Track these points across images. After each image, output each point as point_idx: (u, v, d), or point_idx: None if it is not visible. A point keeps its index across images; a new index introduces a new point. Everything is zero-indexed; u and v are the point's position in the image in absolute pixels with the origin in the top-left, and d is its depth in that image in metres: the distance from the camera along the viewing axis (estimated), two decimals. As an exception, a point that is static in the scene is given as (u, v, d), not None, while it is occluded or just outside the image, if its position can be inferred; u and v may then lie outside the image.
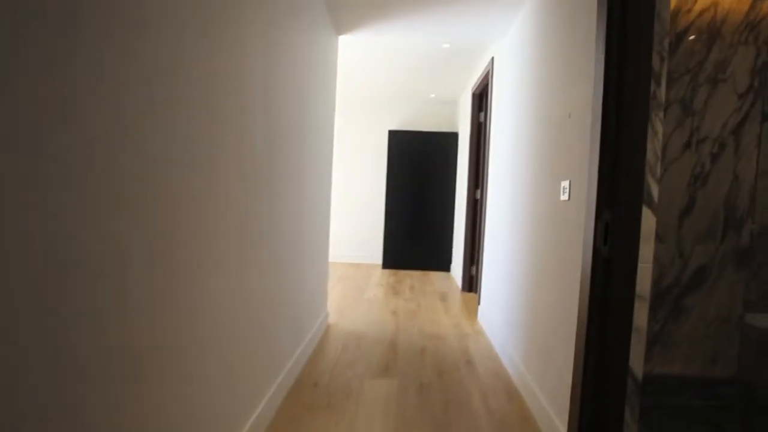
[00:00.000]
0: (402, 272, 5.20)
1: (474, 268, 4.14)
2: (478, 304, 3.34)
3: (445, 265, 5.38)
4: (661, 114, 2.37)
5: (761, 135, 2.38)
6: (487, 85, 3.70)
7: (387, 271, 5.21)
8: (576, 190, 1.55)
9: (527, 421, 1.79)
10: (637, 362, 1.62)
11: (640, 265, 1.38)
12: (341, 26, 2.81)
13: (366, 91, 5.15)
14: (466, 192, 4.30)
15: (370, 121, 5.69)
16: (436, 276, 5.04)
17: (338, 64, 4.02)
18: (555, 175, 1.79)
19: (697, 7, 2.41)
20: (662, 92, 1.74)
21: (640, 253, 1.39)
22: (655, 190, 1.76)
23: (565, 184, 1.65)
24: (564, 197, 1.66)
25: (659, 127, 1.75)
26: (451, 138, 5.33)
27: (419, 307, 3.55)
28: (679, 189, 2.40)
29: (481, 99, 4.08)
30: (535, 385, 1.87)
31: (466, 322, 3.18)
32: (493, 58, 3.22)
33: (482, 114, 4.09)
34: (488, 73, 3.39)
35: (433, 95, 5.23)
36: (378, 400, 1.91)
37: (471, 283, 4.17)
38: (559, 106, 1.78)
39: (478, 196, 4.09)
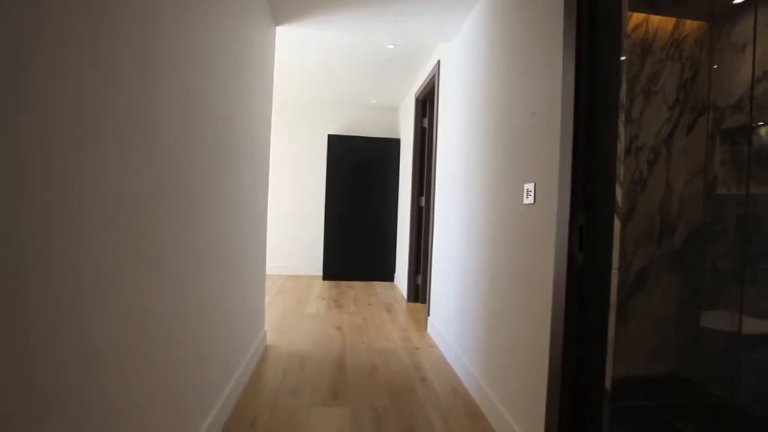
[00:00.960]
0: (344, 283, 4.96)
1: (420, 278, 4.03)
2: (428, 315, 3.21)
3: (388, 275, 5.24)
4: (623, 116, 2.42)
5: (687, 145, 2.54)
6: (432, 89, 3.65)
7: (328, 283, 4.94)
8: (543, 193, 1.47)
9: (493, 442, 1.66)
10: (608, 372, 1.57)
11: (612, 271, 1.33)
12: (279, 15, 2.56)
13: (305, 94, 4.89)
14: (409, 199, 4.20)
15: (309, 125, 5.42)
16: (380, 286, 4.87)
17: (276, 62, 3.74)
18: (517, 178, 1.70)
19: (632, 22, 2.53)
20: (623, 94, 1.73)
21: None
22: (619, 193, 1.75)
23: (529, 186, 1.56)
24: (528, 200, 1.57)
25: (621, 130, 1.73)
26: (393, 144, 5.24)
27: (365, 321, 3.35)
28: (623, 194, 2.47)
29: (424, 104, 4.03)
30: (500, 404, 1.75)
31: (415, 335, 3.04)
32: (439, 62, 3.16)
33: (426, 120, 4.04)
34: (434, 76, 3.33)
35: (374, 101, 5.11)
36: (329, 433, 1.66)
37: (417, 292, 4.06)
38: (520, 106, 1.71)
39: (423, 204, 4.01)
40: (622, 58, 1.33)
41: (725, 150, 2.28)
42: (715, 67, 2.34)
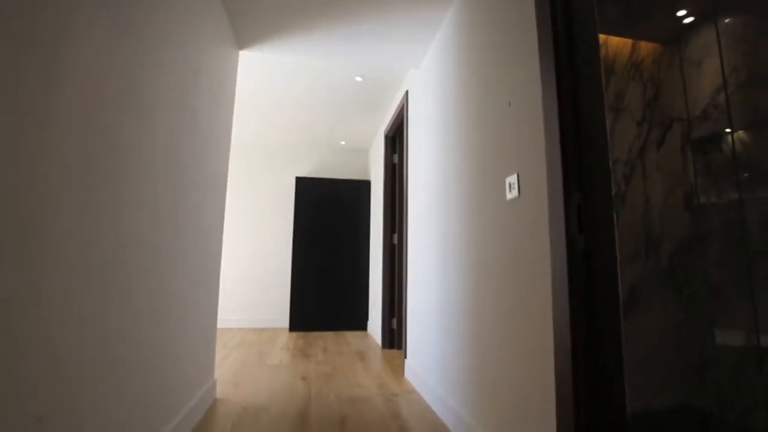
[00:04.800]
0: (313, 334, 4.53)
1: (395, 321, 3.71)
2: (405, 358, 2.88)
3: (361, 324, 4.85)
4: (612, 116, 2.38)
5: (660, 159, 2.53)
6: (401, 123, 3.61)
7: (295, 334, 4.50)
8: (528, 183, 1.31)
9: (491, 497, 1.33)
10: (627, 393, 1.32)
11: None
12: (243, 36, 2.48)
13: (273, 136, 4.79)
14: (381, 238, 3.99)
15: (275, 168, 5.26)
16: (352, 336, 4.47)
17: (239, 100, 3.64)
18: (497, 173, 1.55)
19: (592, 46, 2.60)
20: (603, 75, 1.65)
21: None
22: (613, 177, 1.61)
23: (512, 179, 1.41)
24: (512, 194, 1.40)
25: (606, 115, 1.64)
26: (364, 186, 5.12)
27: (335, 370, 2.96)
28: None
29: (394, 141, 3.98)
30: (495, 445, 1.45)
31: (392, 381, 2.68)
32: (407, 92, 3.14)
33: (396, 156, 3.97)
34: (402, 108, 3.30)
35: (344, 142, 5.06)
36: (284, 499, 1.29)
37: (392, 338, 3.71)
38: (495, 96, 1.60)
39: (396, 241, 3.81)
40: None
41: (699, 161, 2.26)
42: (676, 83, 2.39)
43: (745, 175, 2.05)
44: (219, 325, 4.83)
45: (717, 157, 2.18)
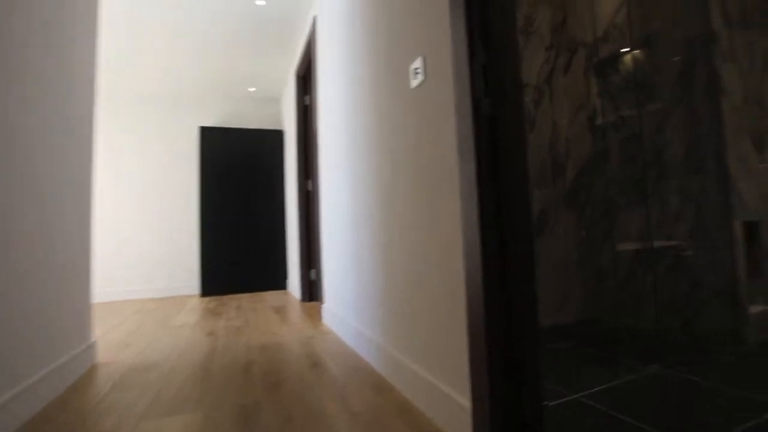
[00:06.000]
0: (228, 297, 4.20)
1: (314, 272, 3.54)
2: (322, 303, 2.73)
3: (281, 283, 4.61)
4: (522, 39, 2.30)
5: (567, 84, 2.58)
6: (312, 60, 3.31)
7: (208, 299, 4.13)
8: (435, 64, 1.17)
9: (407, 411, 1.25)
10: (537, 274, 1.29)
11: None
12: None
13: (169, 80, 4.17)
14: (296, 186, 3.73)
15: (176, 117, 4.65)
16: (270, 295, 4.23)
17: (124, 41, 3.05)
18: (400, 60, 1.39)
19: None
20: None
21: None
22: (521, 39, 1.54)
23: (417, 64, 1.26)
24: (417, 81, 1.26)
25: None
26: (277, 136, 4.75)
27: (247, 324, 2.73)
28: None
29: (305, 81, 3.67)
30: (413, 363, 1.37)
31: (308, 327, 2.53)
32: (315, 18, 2.84)
33: (308, 97, 3.67)
34: (311, 39, 3.00)
35: (252, 89, 4.60)
36: (163, 447, 1.08)
37: (312, 290, 3.54)
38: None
39: (311, 187, 3.58)
40: None
41: (599, 83, 2.33)
42: (582, 6, 2.41)
43: (639, 92, 2.14)
44: (117, 297, 4.27)
45: (615, 77, 2.26)
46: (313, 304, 3.43)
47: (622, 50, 2.19)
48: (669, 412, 1.18)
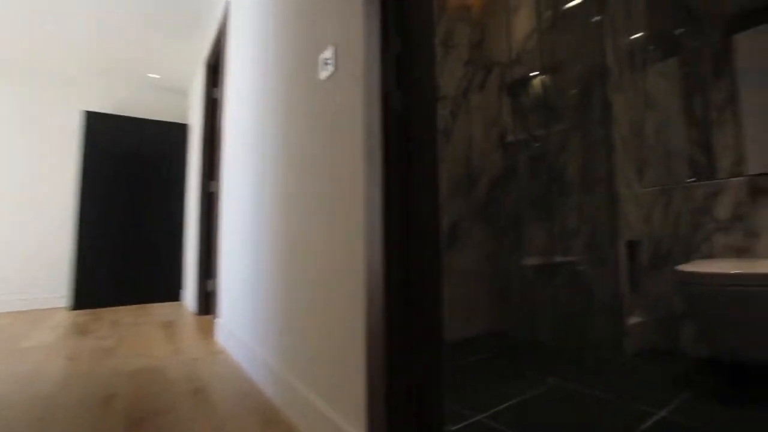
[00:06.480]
0: (106, 310, 3.61)
1: (211, 282, 3.18)
2: (216, 318, 2.43)
3: (175, 294, 4.10)
4: (442, 51, 2.26)
5: (482, 100, 2.65)
6: (221, 51, 3.02)
7: (79, 312, 3.50)
8: (347, 54, 1.05)
9: (293, 448, 1.08)
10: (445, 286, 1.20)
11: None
12: None
13: (43, 54, 3.52)
14: (199, 188, 3.36)
15: (49, 98, 3.95)
16: (161, 307, 3.72)
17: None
18: (310, 49, 1.26)
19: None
20: None
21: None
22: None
23: (327, 54, 1.13)
24: (326, 72, 1.13)
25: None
26: (180, 131, 4.28)
27: (121, 343, 2.31)
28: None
29: (216, 72, 3.35)
30: (309, 390, 1.20)
31: (198, 345, 2.21)
32: (228, 3, 2.59)
33: (217, 90, 3.35)
34: (223, 26, 2.73)
35: (156, 76, 4.10)
36: None
37: (208, 302, 3.18)
38: None
39: (214, 189, 3.24)
40: None
41: (511, 102, 2.42)
42: (498, 28, 2.50)
43: (545, 113, 2.26)
44: (-49, 309, 3.43)
45: (525, 98, 2.36)
46: (208, 318, 3.07)
47: (531, 74, 2.31)
48: (567, 427, 1.17)
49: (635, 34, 2.15)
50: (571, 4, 2.19)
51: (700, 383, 1.52)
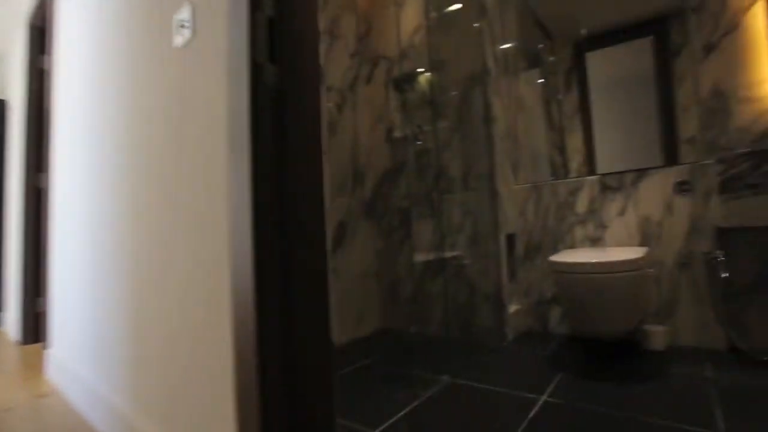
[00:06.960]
0: None
1: (41, 301, 2.53)
2: (46, 349, 1.92)
3: (-9, 319, 3.19)
4: (328, 40, 2.05)
5: (368, 94, 2.57)
6: (52, 7, 2.39)
7: None
8: (208, 15, 0.83)
9: None
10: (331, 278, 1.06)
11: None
12: None
13: None
14: (22, 182, 2.64)
15: None
16: (-33, 338, 2.85)
17: None
18: (162, 8, 1.00)
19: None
20: None
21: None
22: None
23: (183, 14, 0.89)
24: (182, 38, 0.89)
25: None
26: (-5, 110, 3.33)
27: None
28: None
29: (43, 35, 2.65)
30: (157, 436, 0.95)
31: (17, 387, 1.70)
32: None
33: (46, 58, 2.66)
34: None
35: (-53, 33, 3.10)
36: None
37: (38, 327, 2.52)
38: None
39: (44, 184, 2.58)
40: None
41: (398, 97, 2.39)
42: (384, 22, 2.45)
43: (431, 110, 2.28)
44: None
45: (411, 94, 2.36)
46: (36, 347, 2.43)
47: (418, 70, 2.31)
48: (464, 427, 1.14)
49: (508, 43, 2.29)
50: (454, 7, 2.24)
51: (570, 362, 1.67)
